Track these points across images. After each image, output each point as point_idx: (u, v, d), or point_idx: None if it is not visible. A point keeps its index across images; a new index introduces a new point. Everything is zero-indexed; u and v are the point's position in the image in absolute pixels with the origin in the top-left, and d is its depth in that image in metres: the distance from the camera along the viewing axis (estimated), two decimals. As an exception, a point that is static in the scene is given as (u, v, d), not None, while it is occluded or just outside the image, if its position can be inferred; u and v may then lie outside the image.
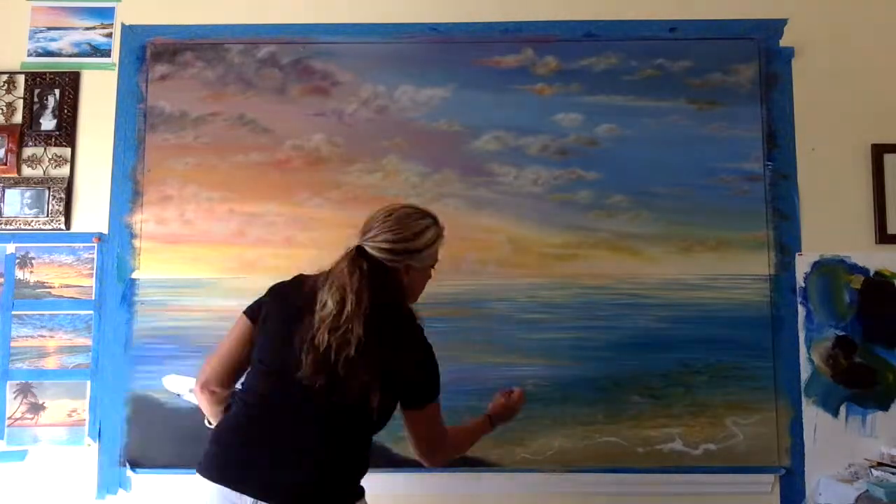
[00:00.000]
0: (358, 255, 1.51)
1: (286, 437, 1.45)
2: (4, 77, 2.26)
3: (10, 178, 2.22)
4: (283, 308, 1.54)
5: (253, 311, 1.59)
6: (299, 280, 1.58)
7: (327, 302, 1.45)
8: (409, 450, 2.05)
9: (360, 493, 1.54)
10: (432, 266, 1.65)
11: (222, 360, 1.60)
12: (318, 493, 1.45)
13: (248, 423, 1.49)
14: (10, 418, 2.13)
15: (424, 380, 1.55)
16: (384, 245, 1.52)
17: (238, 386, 1.60)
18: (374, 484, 2.09)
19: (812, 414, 2.08)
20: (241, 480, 1.42)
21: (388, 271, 1.52)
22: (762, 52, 2.22)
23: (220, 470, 1.45)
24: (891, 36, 2.24)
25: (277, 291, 1.60)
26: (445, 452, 1.69)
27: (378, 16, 2.25)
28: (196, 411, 2.10)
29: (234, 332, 1.61)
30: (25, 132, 2.24)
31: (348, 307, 1.43)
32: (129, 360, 2.13)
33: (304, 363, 1.43)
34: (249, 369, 1.57)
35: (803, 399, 2.09)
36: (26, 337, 2.16)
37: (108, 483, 2.10)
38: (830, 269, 2.14)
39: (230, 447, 1.48)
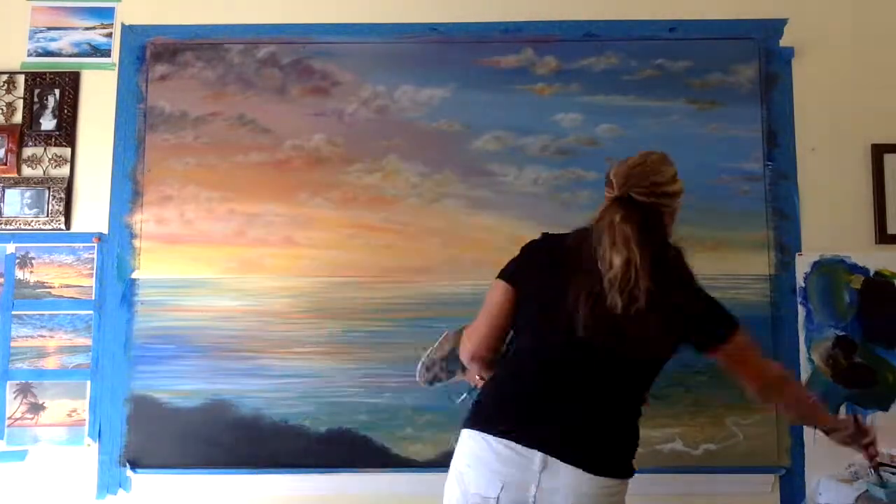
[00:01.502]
0: (630, 205, 1.46)
1: (573, 397, 1.45)
2: (4, 77, 2.26)
3: (10, 178, 2.22)
4: (546, 267, 1.53)
5: (511, 275, 1.57)
6: (553, 238, 1.57)
7: (613, 261, 1.42)
8: (409, 450, 2.08)
9: (632, 472, 1.50)
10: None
11: (490, 329, 1.58)
12: (606, 456, 1.44)
13: (531, 383, 1.48)
14: (10, 418, 2.13)
15: (709, 310, 1.52)
16: (655, 189, 1.48)
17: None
18: (376, 484, 2.10)
19: (812, 414, 2.08)
20: (531, 437, 1.41)
21: (659, 217, 1.49)
22: (762, 52, 2.21)
23: (507, 424, 1.44)
24: (891, 36, 2.24)
25: (534, 250, 1.58)
26: (788, 383, 1.64)
27: (378, 16, 2.25)
28: (196, 412, 2.11)
29: (494, 298, 1.58)
30: (25, 132, 2.24)
31: (636, 262, 1.40)
32: (129, 360, 2.13)
33: (586, 323, 1.41)
34: (519, 332, 1.56)
35: (803, 399, 2.09)
36: (26, 337, 2.16)
37: (108, 483, 2.10)
38: (830, 269, 2.14)
39: (514, 404, 1.47)
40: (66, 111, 2.24)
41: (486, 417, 1.48)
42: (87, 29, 2.29)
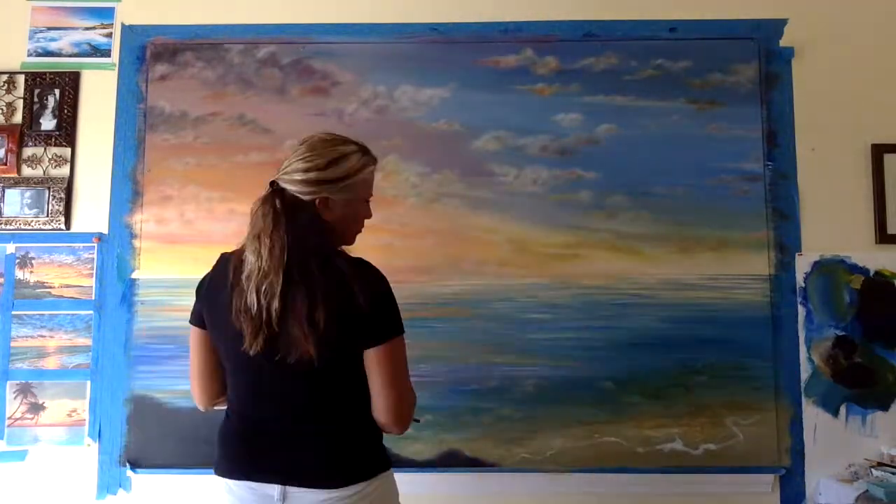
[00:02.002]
0: (272, 193, 1.39)
1: (280, 417, 1.39)
2: (4, 77, 2.26)
3: (10, 178, 2.22)
4: (215, 293, 1.44)
5: (194, 316, 1.50)
6: (222, 260, 1.47)
7: (248, 258, 1.35)
8: (408, 449, 2.07)
9: (385, 464, 1.44)
10: (366, 200, 1.52)
11: (199, 379, 1.52)
12: (340, 466, 1.36)
13: (242, 416, 1.44)
14: (10, 418, 2.13)
15: (373, 309, 1.36)
16: (296, 175, 1.39)
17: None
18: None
19: (812, 414, 2.08)
20: (262, 471, 1.37)
21: (304, 206, 1.39)
22: (762, 52, 2.21)
23: (236, 464, 1.41)
24: (891, 36, 2.24)
25: (203, 284, 1.50)
26: (410, 411, 1.47)
27: (378, 16, 2.25)
28: (196, 412, 2.10)
29: (190, 345, 1.52)
30: (25, 132, 2.24)
31: (264, 255, 1.32)
32: (129, 360, 2.13)
33: (244, 335, 1.34)
34: (223, 367, 1.49)
35: (803, 399, 2.09)
36: (26, 337, 2.16)
37: (108, 483, 2.10)
38: (830, 269, 2.14)
39: (235, 443, 1.43)
40: (66, 111, 2.24)
41: (220, 463, 1.44)
42: (87, 29, 2.29)
